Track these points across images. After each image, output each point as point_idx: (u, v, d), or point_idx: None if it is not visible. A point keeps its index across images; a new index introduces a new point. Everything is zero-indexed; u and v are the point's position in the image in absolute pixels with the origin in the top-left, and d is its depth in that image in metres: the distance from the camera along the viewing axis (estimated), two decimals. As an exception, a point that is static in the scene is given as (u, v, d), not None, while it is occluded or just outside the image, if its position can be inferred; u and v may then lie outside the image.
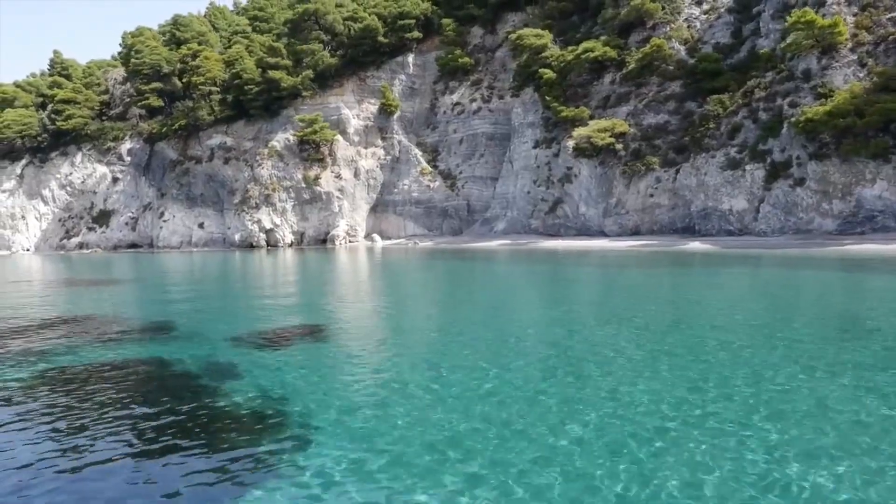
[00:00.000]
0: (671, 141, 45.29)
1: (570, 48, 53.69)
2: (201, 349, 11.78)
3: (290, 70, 65.79)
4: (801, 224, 36.21)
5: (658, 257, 33.02)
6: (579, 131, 48.81)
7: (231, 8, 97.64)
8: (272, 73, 64.57)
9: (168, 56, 71.90)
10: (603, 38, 52.77)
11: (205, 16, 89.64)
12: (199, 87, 68.33)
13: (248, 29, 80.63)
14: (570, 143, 50.09)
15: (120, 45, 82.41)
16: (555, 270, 29.23)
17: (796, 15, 37.22)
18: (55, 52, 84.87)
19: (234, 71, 66.61)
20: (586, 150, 48.63)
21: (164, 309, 18.75)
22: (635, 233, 45.87)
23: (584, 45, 52.09)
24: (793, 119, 36.38)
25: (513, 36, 58.18)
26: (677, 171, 43.70)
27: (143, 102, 71.97)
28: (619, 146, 46.94)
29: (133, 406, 8.32)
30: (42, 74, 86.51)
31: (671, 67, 48.18)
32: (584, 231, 49.45)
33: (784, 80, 39.10)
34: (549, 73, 53.35)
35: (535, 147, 54.86)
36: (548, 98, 53.35)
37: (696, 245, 37.70)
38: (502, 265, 33.30)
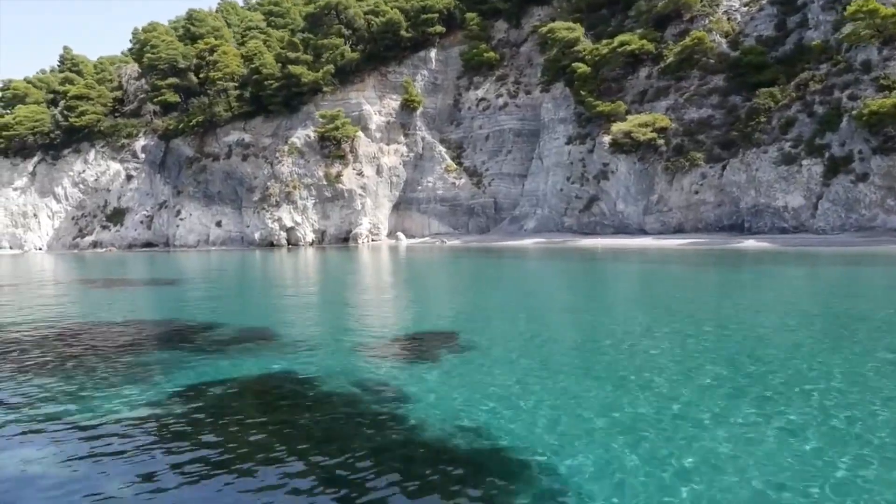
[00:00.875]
0: (716, 136, 43.79)
1: (604, 42, 52.15)
2: (332, 362, 10.26)
3: (310, 65, 64.20)
4: (863, 221, 34.77)
5: (720, 255, 31.51)
6: (617, 126, 47.29)
7: (241, 4, 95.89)
8: (292, 68, 62.95)
9: (184, 51, 70.28)
10: (639, 31, 51.30)
11: (217, 11, 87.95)
12: (217, 82, 66.71)
13: (263, 24, 79.02)
14: (607, 139, 48.58)
15: (131, 40, 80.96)
16: (638, 270, 27.72)
17: (857, 4, 35.75)
18: (65, 48, 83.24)
19: (252, 66, 65.03)
20: (624, 146, 47.13)
21: (245, 312, 17.20)
22: (678, 231, 44.38)
23: (620, 38, 50.60)
24: (854, 112, 34.97)
25: (543, 29, 56.64)
26: (724, 167, 42.24)
27: (159, 98, 70.34)
28: (660, 142, 45.47)
29: (310, 438, 6.81)
30: (52, 71, 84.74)
31: (712, 61, 46.69)
32: (622, 229, 47.96)
33: (841, 72, 37.67)
34: (582, 68, 51.77)
35: (567, 143, 53.32)
36: (582, 93, 51.82)
37: (750, 243, 36.19)
38: (562, 262, 31.76)
